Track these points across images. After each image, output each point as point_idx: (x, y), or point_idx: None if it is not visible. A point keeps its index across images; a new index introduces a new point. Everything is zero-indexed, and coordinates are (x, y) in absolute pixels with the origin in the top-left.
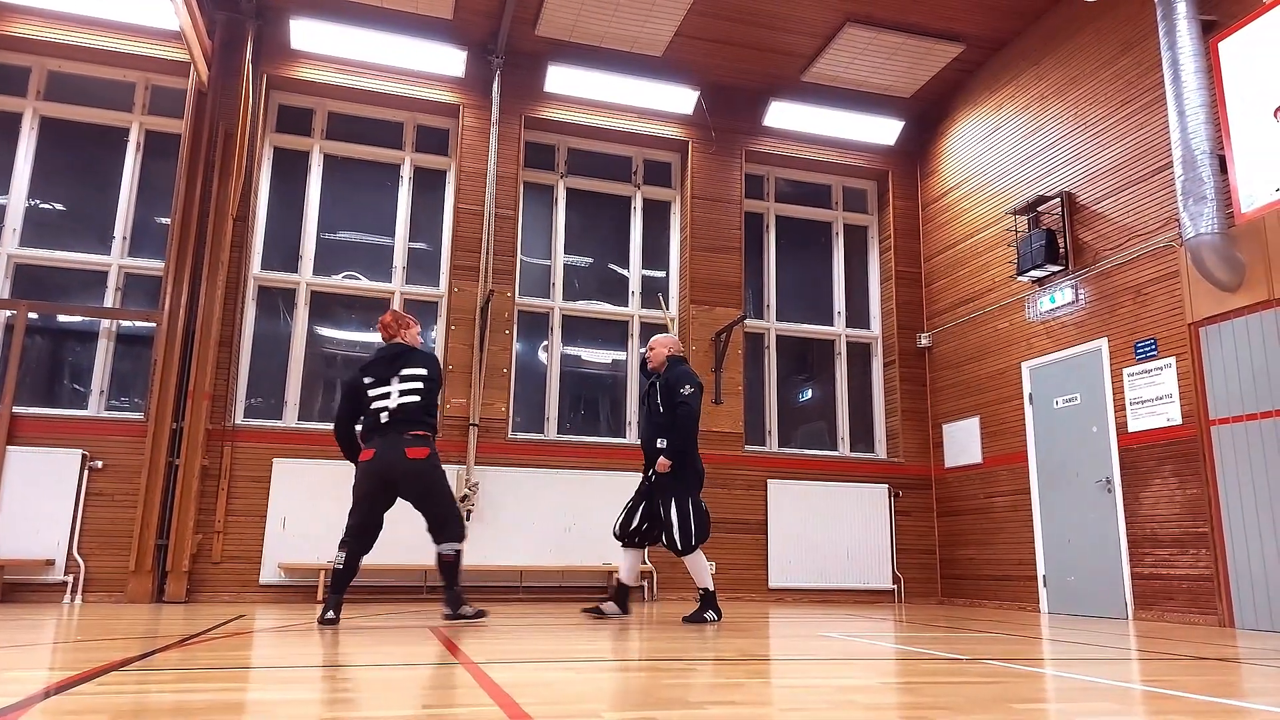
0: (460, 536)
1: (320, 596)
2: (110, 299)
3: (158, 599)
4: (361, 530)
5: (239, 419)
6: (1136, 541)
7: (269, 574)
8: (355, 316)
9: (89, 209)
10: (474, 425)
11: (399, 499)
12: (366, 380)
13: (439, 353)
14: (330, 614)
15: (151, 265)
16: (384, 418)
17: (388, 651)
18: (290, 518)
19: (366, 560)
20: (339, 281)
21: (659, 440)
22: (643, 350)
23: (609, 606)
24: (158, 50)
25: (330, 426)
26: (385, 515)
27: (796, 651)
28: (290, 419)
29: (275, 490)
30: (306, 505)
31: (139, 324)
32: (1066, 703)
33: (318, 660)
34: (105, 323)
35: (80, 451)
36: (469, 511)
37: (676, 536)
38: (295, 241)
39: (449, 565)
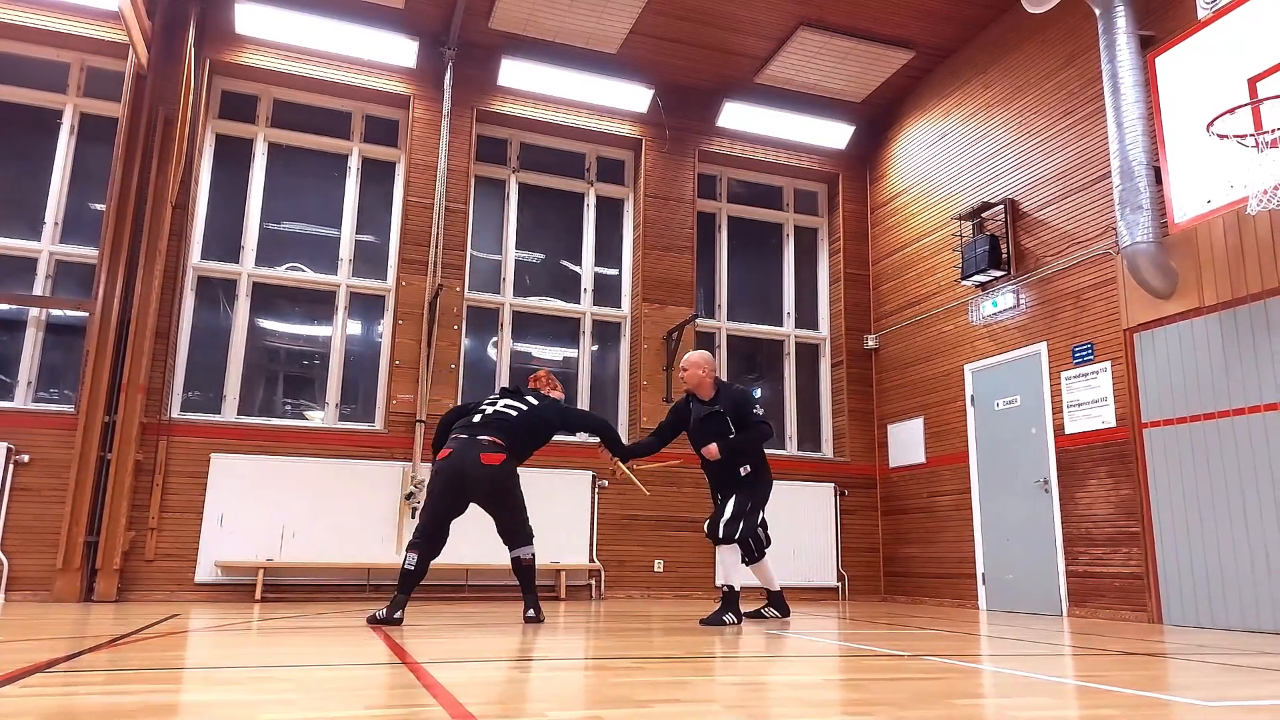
0: (531, 540)
1: (259, 596)
2: (40, 287)
3: (86, 598)
4: (431, 532)
5: (175, 412)
6: (1071, 540)
7: (205, 573)
8: (299, 309)
9: (19, 193)
10: (420, 422)
11: (472, 505)
12: (490, 396)
13: (384, 346)
14: (398, 614)
15: (85, 253)
16: (476, 418)
17: (329, 651)
18: (229, 515)
19: (307, 558)
20: (282, 273)
21: (742, 467)
22: (682, 371)
23: (769, 610)
24: (94, 30)
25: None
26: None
27: (742, 649)
28: (230, 413)
29: (213, 486)
30: (246, 502)
31: (70, 313)
32: (1004, 698)
33: (255, 661)
34: (34, 311)
35: (5, 445)
36: (414, 509)
37: (722, 522)
38: (237, 231)
39: (526, 569)
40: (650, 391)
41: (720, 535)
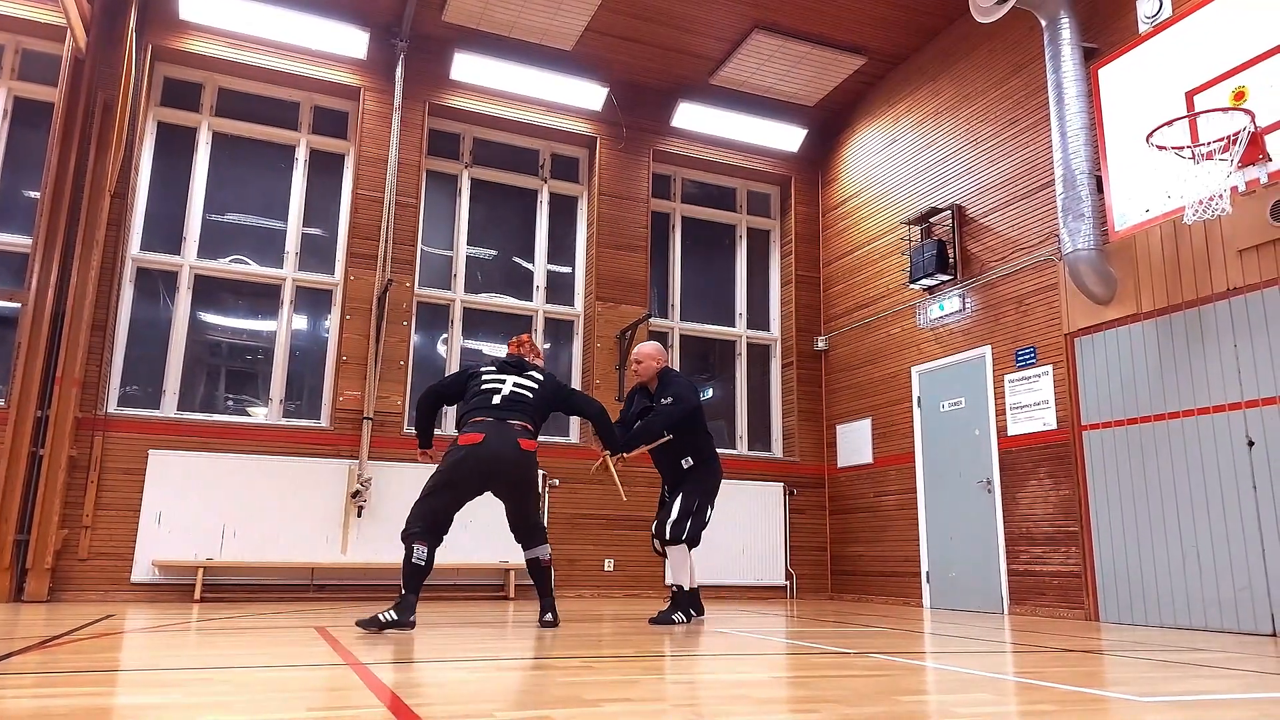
0: (546, 539)
1: (198, 596)
2: None
3: (16, 598)
4: (440, 521)
5: (112, 407)
6: (1013, 539)
7: (142, 572)
8: (242, 303)
9: None
10: (368, 419)
11: (484, 494)
12: (486, 370)
13: (331, 342)
14: (412, 617)
15: (17, 241)
16: (495, 399)
17: (271, 653)
18: (167, 513)
19: (249, 557)
20: (226, 265)
21: (684, 460)
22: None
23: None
24: (29, 11)
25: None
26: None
27: (692, 648)
28: (169, 409)
29: (151, 483)
30: (185, 500)
31: (2, 304)
32: (947, 694)
33: (193, 662)
34: None
35: None
36: (360, 509)
37: (669, 524)
38: (179, 222)
39: (545, 570)
40: (603, 391)
41: (668, 537)
